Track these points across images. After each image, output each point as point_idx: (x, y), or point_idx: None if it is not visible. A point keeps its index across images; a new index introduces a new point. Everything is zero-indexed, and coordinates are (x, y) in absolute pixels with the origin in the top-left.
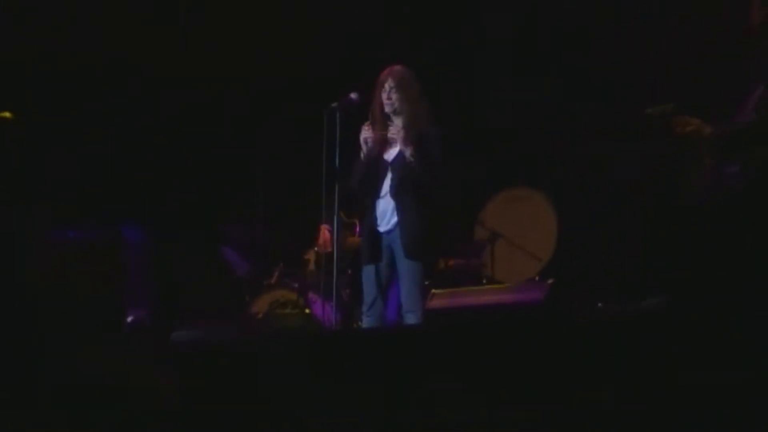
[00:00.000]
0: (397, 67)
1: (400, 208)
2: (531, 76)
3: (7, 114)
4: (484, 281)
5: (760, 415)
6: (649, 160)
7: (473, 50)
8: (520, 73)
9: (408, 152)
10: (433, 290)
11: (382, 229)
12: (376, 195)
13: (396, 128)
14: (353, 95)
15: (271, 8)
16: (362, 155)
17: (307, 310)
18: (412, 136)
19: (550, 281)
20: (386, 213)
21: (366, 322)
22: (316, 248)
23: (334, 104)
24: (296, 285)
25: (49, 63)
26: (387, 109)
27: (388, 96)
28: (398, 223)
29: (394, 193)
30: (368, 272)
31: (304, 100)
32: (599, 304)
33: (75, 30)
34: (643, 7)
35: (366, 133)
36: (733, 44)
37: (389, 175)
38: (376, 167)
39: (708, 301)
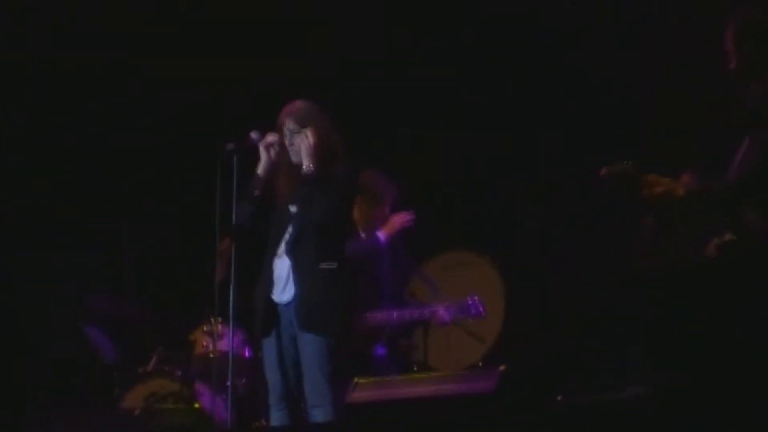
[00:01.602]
0: (297, 104)
1: (295, 266)
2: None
3: None
4: (415, 368)
5: None
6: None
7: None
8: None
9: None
10: (357, 379)
11: (277, 298)
12: (272, 251)
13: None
14: (254, 134)
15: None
16: (260, 168)
17: (195, 405)
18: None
19: (501, 368)
20: (282, 277)
21: (274, 418)
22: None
23: (230, 146)
24: (179, 373)
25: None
26: (293, 158)
27: (290, 141)
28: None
29: (290, 247)
30: (268, 351)
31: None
32: (558, 397)
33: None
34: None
35: (271, 137)
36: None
37: (289, 229)
38: (274, 210)
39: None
